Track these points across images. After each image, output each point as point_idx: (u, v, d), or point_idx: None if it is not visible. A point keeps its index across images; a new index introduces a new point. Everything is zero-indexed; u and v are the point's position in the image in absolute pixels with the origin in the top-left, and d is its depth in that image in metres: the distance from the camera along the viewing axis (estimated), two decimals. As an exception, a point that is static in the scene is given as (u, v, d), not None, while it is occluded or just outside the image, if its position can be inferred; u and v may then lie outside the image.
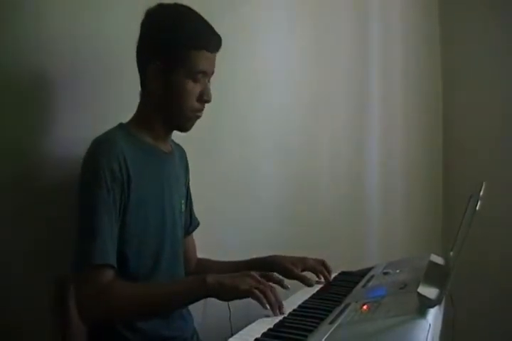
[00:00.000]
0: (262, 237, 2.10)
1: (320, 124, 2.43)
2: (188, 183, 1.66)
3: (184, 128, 1.48)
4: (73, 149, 1.53)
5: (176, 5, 1.45)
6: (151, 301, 1.30)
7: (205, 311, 1.36)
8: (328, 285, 1.61)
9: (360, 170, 2.65)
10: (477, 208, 1.15)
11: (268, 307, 1.24)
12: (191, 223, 1.68)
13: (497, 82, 2.93)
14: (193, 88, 1.41)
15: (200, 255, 1.73)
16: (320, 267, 1.64)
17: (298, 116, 2.32)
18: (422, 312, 1.07)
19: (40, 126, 1.53)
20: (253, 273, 1.31)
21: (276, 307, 1.26)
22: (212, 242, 1.78)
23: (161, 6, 1.43)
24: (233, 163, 2.02)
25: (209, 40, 1.42)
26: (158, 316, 1.41)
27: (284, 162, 2.25)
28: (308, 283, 1.58)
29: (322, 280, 1.64)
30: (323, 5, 2.41)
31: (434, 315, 1.08)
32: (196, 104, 1.43)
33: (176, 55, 1.38)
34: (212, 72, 1.46)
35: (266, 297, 1.25)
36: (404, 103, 2.91)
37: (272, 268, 1.60)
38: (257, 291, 1.25)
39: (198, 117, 1.47)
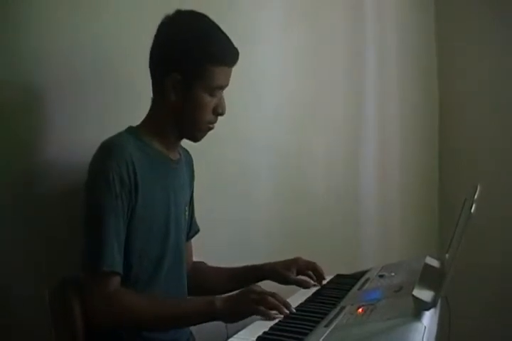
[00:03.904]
0: (259, 240, 2.10)
1: (316, 126, 2.42)
2: (193, 190, 1.67)
3: (196, 138, 1.50)
4: (74, 152, 1.54)
5: (195, 14, 1.44)
6: (158, 318, 1.32)
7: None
8: (324, 288, 1.61)
9: (356, 172, 2.64)
10: (472, 211, 1.15)
11: (275, 316, 1.26)
12: (191, 229, 1.68)
13: (495, 82, 2.91)
14: (210, 102, 1.42)
15: (197, 257, 1.73)
16: (308, 271, 1.64)
17: (294, 119, 2.32)
18: (417, 315, 1.07)
19: (42, 129, 1.53)
20: (256, 288, 1.33)
21: (282, 308, 1.27)
22: (210, 244, 1.79)
23: (180, 13, 1.43)
24: (230, 164, 2.02)
25: (230, 56, 1.43)
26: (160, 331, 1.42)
27: (280, 164, 2.24)
28: (305, 286, 1.59)
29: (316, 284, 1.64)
30: (319, 5, 2.41)
31: (429, 318, 1.09)
32: (211, 117, 1.45)
33: (198, 70, 1.39)
34: (227, 85, 1.46)
35: (273, 308, 1.27)
36: (400, 104, 2.90)
37: (267, 276, 1.62)
38: (261, 307, 1.26)
39: (211, 129, 1.48)
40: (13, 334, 1.46)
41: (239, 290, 1.35)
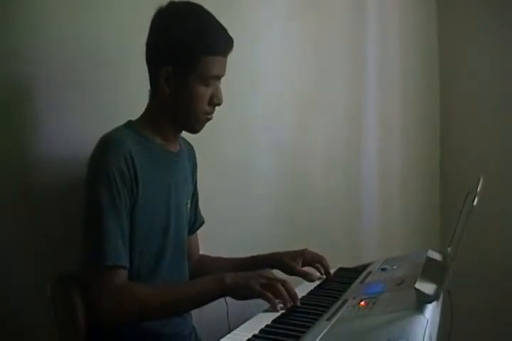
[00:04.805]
0: (261, 235, 2.10)
1: (317, 124, 2.42)
2: (196, 181, 1.67)
3: (194, 130, 1.49)
4: (73, 149, 1.55)
5: (189, 4, 1.44)
6: (171, 304, 1.32)
7: (202, 307, 1.37)
8: (327, 281, 1.62)
9: (357, 167, 2.65)
10: (474, 203, 1.15)
11: (280, 309, 1.27)
12: (196, 221, 1.68)
13: (496, 80, 2.91)
14: (205, 92, 1.42)
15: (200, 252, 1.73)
16: (316, 264, 1.65)
17: (296, 115, 2.32)
18: (419, 308, 1.07)
19: (40, 127, 1.54)
20: (268, 274, 1.33)
21: (287, 300, 1.28)
22: (211, 240, 1.78)
23: (174, 4, 1.42)
24: (232, 162, 2.03)
25: (225, 45, 1.42)
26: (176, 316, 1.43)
27: (282, 161, 2.25)
28: (310, 279, 1.59)
29: (323, 276, 1.65)
30: (321, 3, 2.41)
31: (431, 311, 1.08)
32: (207, 108, 1.44)
33: (192, 61, 1.38)
34: (223, 75, 1.46)
35: (279, 297, 1.27)
36: (402, 101, 2.90)
37: (273, 266, 1.61)
38: (269, 293, 1.27)
39: (209, 119, 1.47)
40: (13, 334, 1.45)
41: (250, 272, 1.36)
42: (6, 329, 1.45)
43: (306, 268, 1.64)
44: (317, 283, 1.59)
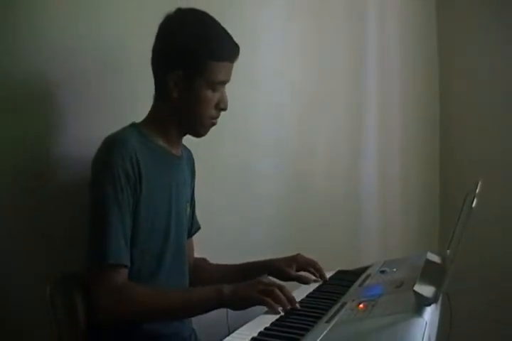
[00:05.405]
0: (261, 237, 2.10)
1: (318, 124, 2.42)
2: (194, 188, 1.67)
3: (199, 134, 1.51)
4: (76, 149, 1.55)
5: (195, 11, 1.46)
6: (168, 308, 1.33)
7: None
8: (326, 284, 1.62)
9: (357, 168, 2.64)
10: (473, 206, 1.15)
11: (281, 312, 1.27)
12: (192, 226, 1.68)
13: (496, 79, 2.91)
14: (212, 97, 1.44)
15: (199, 255, 1.73)
16: (310, 268, 1.66)
17: (296, 115, 2.32)
18: (418, 311, 1.07)
19: (42, 129, 1.54)
20: (265, 280, 1.34)
21: (286, 304, 1.28)
22: (211, 242, 1.78)
23: (180, 11, 1.45)
24: (231, 162, 2.02)
25: (232, 51, 1.44)
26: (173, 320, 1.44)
27: (282, 162, 2.25)
28: (306, 281, 1.60)
29: (319, 279, 1.65)
30: (321, 4, 2.41)
31: (430, 313, 1.08)
32: (213, 112, 1.46)
33: (199, 67, 1.40)
34: (229, 80, 1.48)
35: (278, 302, 1.28)
36: (401, 102, 2.90)
37: (268, 272, 1.61)
38: (268, 299, 1.28)
39: (214, 124, 1.49)
40: (13, 334, 1.45)
41: (248, 281, 1.36)
42: (6, 329, 1.45)
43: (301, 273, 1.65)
44: (316, 286, 1.59)
